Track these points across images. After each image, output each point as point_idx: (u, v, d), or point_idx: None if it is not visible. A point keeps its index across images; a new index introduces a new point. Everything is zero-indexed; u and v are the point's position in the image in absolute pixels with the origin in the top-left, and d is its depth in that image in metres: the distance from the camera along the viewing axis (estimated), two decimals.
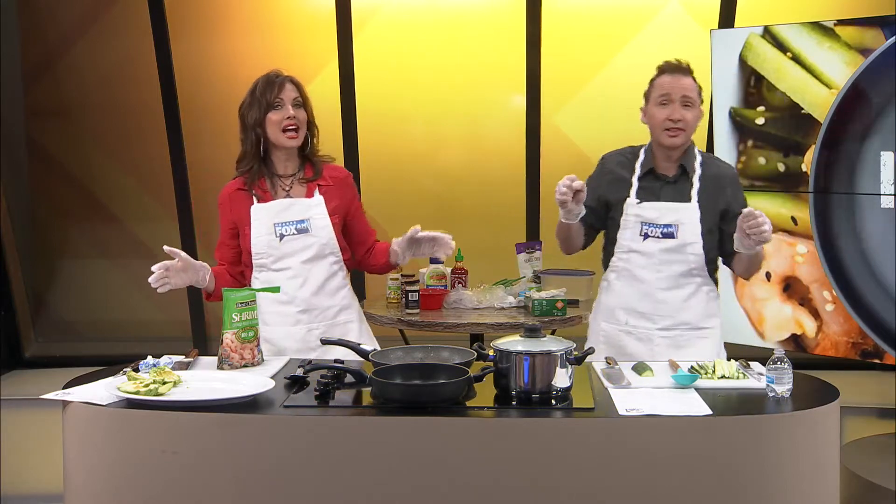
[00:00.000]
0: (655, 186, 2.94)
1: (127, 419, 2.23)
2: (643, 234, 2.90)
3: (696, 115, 2.91)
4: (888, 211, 3.63)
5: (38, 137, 5.01)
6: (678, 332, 2.91)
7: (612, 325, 2.99)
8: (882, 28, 3.60)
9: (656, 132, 2.92)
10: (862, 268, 3.74)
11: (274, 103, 2.89)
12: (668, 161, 2.95)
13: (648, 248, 2.90)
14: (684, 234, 2.87)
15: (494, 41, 4.79)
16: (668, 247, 2.88)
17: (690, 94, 2.89)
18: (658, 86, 2.93)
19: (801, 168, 3.87)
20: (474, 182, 4.93)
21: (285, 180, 2.98)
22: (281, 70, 2.97)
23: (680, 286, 2.90)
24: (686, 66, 2.94)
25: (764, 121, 3.94)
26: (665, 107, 2.89)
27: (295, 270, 2.94)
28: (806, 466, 2.22)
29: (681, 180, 2.93)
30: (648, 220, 2.90)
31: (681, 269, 2.89)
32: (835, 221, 3.80)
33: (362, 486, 2.17)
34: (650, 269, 2.90)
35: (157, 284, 2.70)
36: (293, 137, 2.92)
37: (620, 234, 2.94)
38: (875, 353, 3.77)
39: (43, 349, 5.05)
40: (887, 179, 3.63)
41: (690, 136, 2.92)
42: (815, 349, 3.94)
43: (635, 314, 2.93)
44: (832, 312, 3.85)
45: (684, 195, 2.91)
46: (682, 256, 2.88)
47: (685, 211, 2.88)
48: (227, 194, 3.00)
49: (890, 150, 3.61)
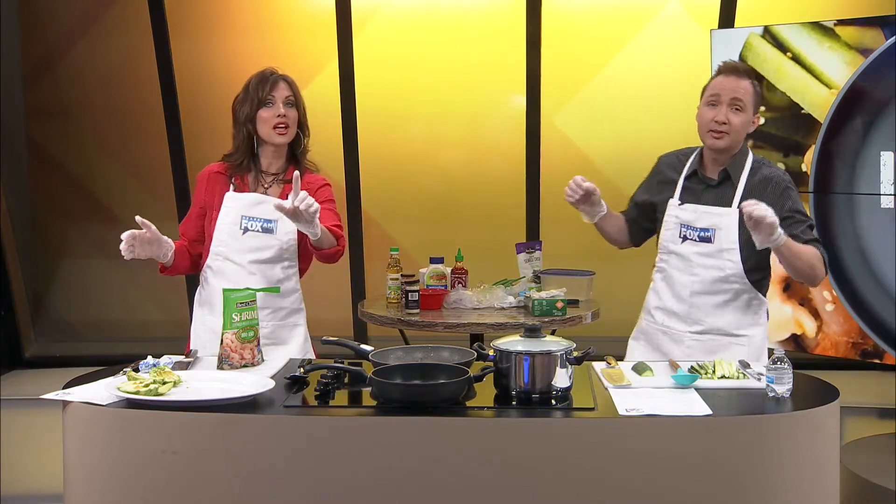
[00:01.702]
0: (698, 189, 2.88)
1: (127, 419, 2.23)
2: (682, 235, 2.87)
3: (746, 119, 2.81)
4: (888, 211, 3.63)
5: (38, 137, 5.01)
6: (710, 337, 2.86)
7: (650, 323, 2.99)
8: (882, 28, 3.60)
9: (702, 133, 2.85)
10: (862, 268, 3.74)
11: (266, 100, 2.90)
12: (715, 164, 2.87)
13: (685, 250, 2.86)
14: (721, 239, 2.81)
15: (494, 41, 4.80)
16: (704, 251, 2.83)
17: (742, 97, 2.79)
18: (711, 86, 2.85)
19: (801, 168, 3.87)
20: (474, 182, 4.93)
21: (267, 178, 2.98)
22: (276, 68, 2.98)
23: (713, 292, 2.84)
24: (744, 69, 2.84)
25: (764, 121, 3.94)
26: (713, 108, 2.81)
27: (250, 267, 2.92)
28: (806, 466, 2.22)
29: (724, 184, 2.86)
30: (686, 223, 2.86)
31: (716, 274, 2.83)
32: (835, 221, 3.80)
33: (362, 486, 2.17)
34: (685, 272, 2.87)
35: (124, 252, 2.76)
36: (282, 134, 2.92)
37: (662, 235, 2.93)
38: (875, 353, 3.77)
39: (43, 349, 5.05)
40: (887, 179, 3.63)
41: (737, 140, 2.83)
42: (815, 349, 3.94)
43: (670, 315, 2.91)
44: (832, 312, 3.85)
45: (725, 200, 2.84)
46: (717, 262, 2.82)
47: (724, 216, 2.82)
48: (207, 174, 3.01)
49: (890, 150, 3.61)
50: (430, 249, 4.18)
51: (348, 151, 4.76)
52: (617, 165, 4.76)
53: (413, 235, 4.85)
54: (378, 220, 4.85)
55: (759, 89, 2.85)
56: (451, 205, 4.93)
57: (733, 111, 2.79)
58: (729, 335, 2.85)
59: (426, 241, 4.78)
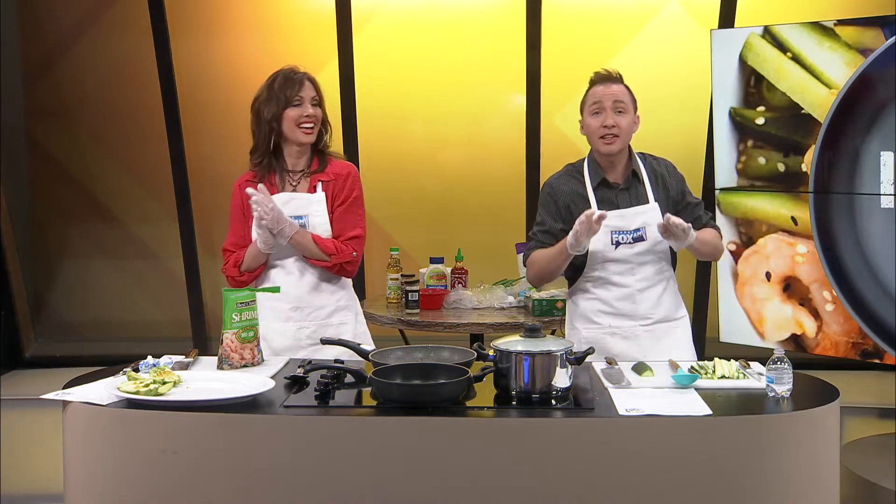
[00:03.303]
0: (611, 195, 2.98)
1: (127, 419, 2.23)
2: (614, 242, 2.94)
3: (630, 120, 2.95)
4: (888, 211, 3.63)
5: (38, 137, 5.01)
6: (656, 325, 2.98)
7: (593, 329, 3.01)
8: (882, 28, 3.60)
9: (593, 140, 2.98)
10: (862, 268, 3.74)
11: (294, 101, 2.93)
12: (614, 168, 3.00)
13: (622, 254, 2.95)
14: (652, 233, 2.93)
15: (494, 41, 4.79)
16: (641, 250, 2.94)
17: (622, 98, 2.94)
18: (590, 95, 2.99)
19: (801, 168, 3.87)
20: (474, 182, 4.93)
21: (294, 175, 3.02)
22: (298, 66, 3.01)
23: (655, 284, 2.97)
24: (616, 75, 2.99)
25: (764, 121, 3.94)
26: (598, 115, 2.95)
27: (290, 267, 2.96)
28: (806, 466, 2.22)
29: (633, 185, 2.99)
30: (618, 228, 2.94)
31: (654, 268, 2.97)
32: (835, 221, 3.80)
33: (362, 486, 2.17)
34: (627, 274, 2.96)
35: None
36: (308, 133, 2.96)
37: (592, 245, 2.94)
38: (875, 353, 3.77)
39: (43, 349, 5.05)
40: (887, 179, 3.63)
41: (626, 140, 2.97)
42: (815, 349, 3.94)
43: (617, 316, 2.98)
44: (832, 312, 3.85)
45: (640, 198, 2.97)
46: (653, 256, 2.96)
47: (650, 212, 2.95)
48: (238, 185, 3.03)
49: (890, 150, 3.61)
50: (430, 249, 4.18)
51: (348, 151, 4.75)
52: None
53: (413, 235, 4.85)
54: (378, 219, 4.84)
55: (631, 92, 2.99)
56: (451, 205, 4.93)
57: (617, 114, 2.94)
58: (670, 320, 3.00)
59: (426, 241, 4.78)
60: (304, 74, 2.98)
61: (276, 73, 2.98)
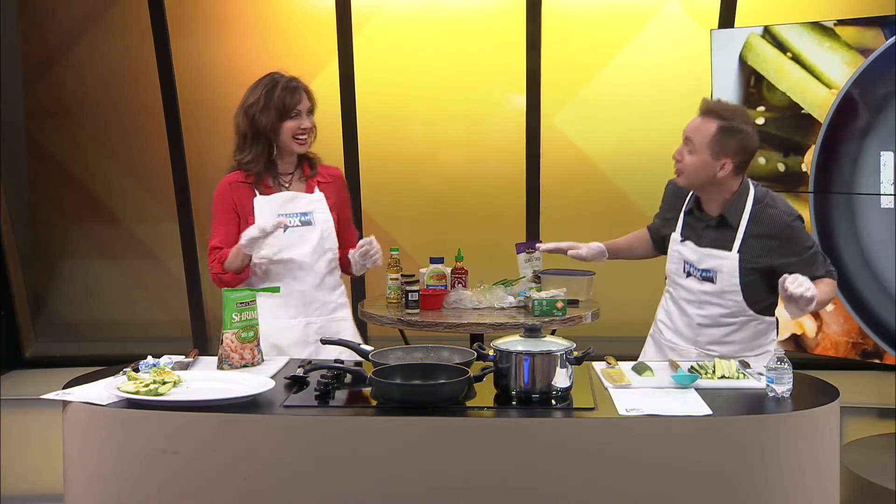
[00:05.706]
0: (699, 226, 2.86)
1: (127, 419, 2.23)
2: (686, 271, 2.88)
3: (698, 161, 2.73)
4: (888, 211, 3.63)
5: (38, 137, 5.01)
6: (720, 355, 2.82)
7: (659, 335, 3.01)
8: (882, 28, 3.60)
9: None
10: (862, 268, 3.74)
11: (292, 113, 2.95)
12: (710, 202, 2.83)
13: (691, 285, 2.87)
14: (723, 281, 2.79)
15: (494, 41, 4.79)
16: (707, 290, 2.83)
17: (692, 136, 2.75)
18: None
19: (801, 168, 3.87)
20: (474, 182, 4.93)
21: (285, 177, 3.06)
22: (291, 74, 3.02)
23: (721, 325, 2.85)
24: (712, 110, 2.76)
25: (764, 121, 3.94)
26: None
27: (297, 262, 2.99)
28: (806, 466, 2.22)
29: (723, 225, 2.80)
30: (689, 261, 2.86)
31: (721, 311, 2.83)
32: (835, 221, 3.80)
33: (362, 486, 2.17)
34: (692, 305, 2.88)
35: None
36: (302, 144, 3.00)
37: (668, 264, 2.94)
38: (875, 353, 3.77)
39: (43, 349, 5.05)
40: (887, 179, 3.63)
41: (694, 179, 2.77)
42: (815, 349, 3.94)
43: (678, 334, 2.93)
44: (832, 312, 3.85)
45: (726, 243, 2.79)
46: (721, 301, 2.81)
47: (724, 260, 2.78)
48: (228, 184, 3.01)
49: (890, 150, 3.61)
50: (430, 249, 4.17)
51: (348, 151, 4.75)
52: (617, 165, 4.77)
53: (413, 235, 4.85)
54: (378, 219, 4.84)
55: (726, 134, 2.72)
56: (451, 205, 4.93)
57: (686, 150, 2.77)
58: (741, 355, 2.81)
59: (426, 241, 4.78)
60: (300, 84, 3.00)
61: (271, 80, 2.97)
